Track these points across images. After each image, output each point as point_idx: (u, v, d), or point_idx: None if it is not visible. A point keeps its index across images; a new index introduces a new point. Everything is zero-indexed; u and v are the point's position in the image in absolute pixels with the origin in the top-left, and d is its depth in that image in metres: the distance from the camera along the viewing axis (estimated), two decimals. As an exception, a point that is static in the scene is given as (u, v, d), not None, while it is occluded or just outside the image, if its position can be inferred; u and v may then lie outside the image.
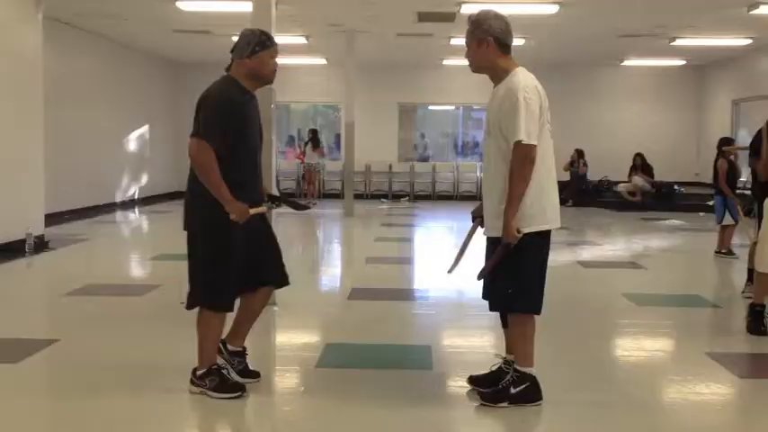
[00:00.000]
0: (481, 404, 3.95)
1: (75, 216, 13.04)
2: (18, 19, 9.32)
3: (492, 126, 3.89)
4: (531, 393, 3.93)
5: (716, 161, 9.46)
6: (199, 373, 4.04)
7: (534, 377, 3.96)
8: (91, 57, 14.59)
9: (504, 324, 4.16)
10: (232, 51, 4.09)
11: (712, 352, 5.09)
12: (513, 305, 3.94)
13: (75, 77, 13.70)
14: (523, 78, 3.86)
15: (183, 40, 15.14)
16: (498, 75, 3.93)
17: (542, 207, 3.82)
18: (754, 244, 7.03)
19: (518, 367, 3.95)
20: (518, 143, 3.71)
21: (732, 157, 9.45)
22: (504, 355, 4.20)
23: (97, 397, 4.14)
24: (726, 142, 9.66)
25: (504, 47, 3.93)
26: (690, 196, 16.38)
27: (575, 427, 3.81)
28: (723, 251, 9.49)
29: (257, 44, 4.03)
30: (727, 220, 9.36)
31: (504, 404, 3.90)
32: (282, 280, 4.28)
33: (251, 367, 4.28)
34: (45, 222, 9.89)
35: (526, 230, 3.76)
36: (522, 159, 3.71)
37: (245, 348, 4.26)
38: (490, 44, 3.89)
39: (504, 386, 3.95)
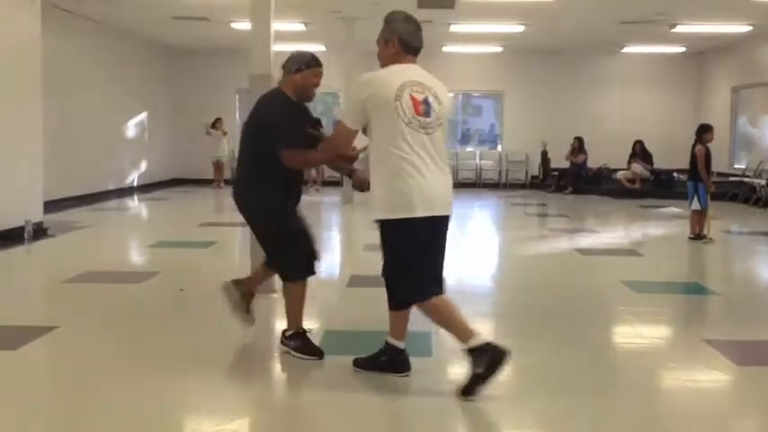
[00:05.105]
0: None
1: (74, 203, 13.04)
2: (16, 5, 9.28)
3: None
4: (396, 364, 4.20)
5: (693, 147, 9.57)
6: (288, 333, 4.63)
7: (399, 349, 4.20)
8: (89, 43, 14.55)
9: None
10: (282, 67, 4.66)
11: (710, 339, 5.10)
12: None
13: (73, 64, 13.65)
14: (377, 71, 4.03)
15: (181, 27, 15.09)
16: None
17: (394, 195, 3.93)
18: None
19: (388, 339, 4.21)
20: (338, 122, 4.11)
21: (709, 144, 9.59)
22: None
23: (96, 383, 4.15)
24: (705, 129, 9.71)
25: (410, 48, 4.07)
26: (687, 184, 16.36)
27: (573, 414, 3.82)
28: (692, 236, 9.67)
29: (304, 63, 4.54)
30: (695, 205, 9.50)
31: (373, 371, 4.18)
32: None
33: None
34: (44, 209, 9.89)
35: (380, 217, 3.99)
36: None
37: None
38: (395, 44, 4.03)
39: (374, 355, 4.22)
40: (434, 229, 4.01)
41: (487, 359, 3.83)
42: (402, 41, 4.02)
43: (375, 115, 3.92)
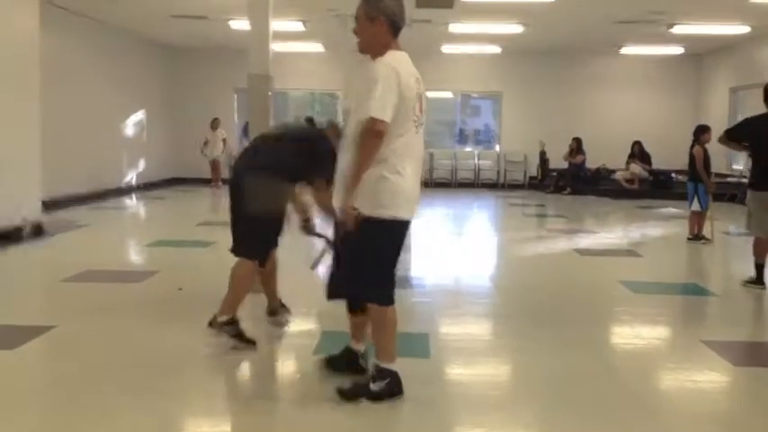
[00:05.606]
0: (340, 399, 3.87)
1: (73, 202, 13.02)
2: (15, 3, 9.26)
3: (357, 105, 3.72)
4: (391, 389, 3.87)
5: (692, 148, 9.60)
6: (224, 319, 4.65)
7: (395, 372, 3.88)
8: (88, 42, 14.53)
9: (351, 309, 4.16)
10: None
11: (708, 340, 5.11)
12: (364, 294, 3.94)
13: (72, 63, 13.64)
14: (391, 59, 3.68)
15: (180, 26, 15.08)
16: (380, 55, 3.73)
17: (387, 194, 3.67)
18: (758, 237, 6.96)
19: (377, 362, 3.89)
20: (369, 118, 3.52)
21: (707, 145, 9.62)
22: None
23: (95, 383, 4.15)
24: (702, 130, 9.74)
25: (397, 30, 3.79)
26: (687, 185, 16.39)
27: (571, 415, 3.82)
28: (690, 237, 9.71)
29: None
30: (695, 206, 9.53)
31: (362, 400, 3.83)
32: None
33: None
34: (42, 208, 9.88)
35: (366, 214, 3.65)
36: (367, 132, 3.55)
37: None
38: (383, 24, 3.74)
39: (363, 382, 3.88)
40: (406, 232, 3.88)
41: (387, 385, 3.84)
42: (390, 22, 3.73)
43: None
